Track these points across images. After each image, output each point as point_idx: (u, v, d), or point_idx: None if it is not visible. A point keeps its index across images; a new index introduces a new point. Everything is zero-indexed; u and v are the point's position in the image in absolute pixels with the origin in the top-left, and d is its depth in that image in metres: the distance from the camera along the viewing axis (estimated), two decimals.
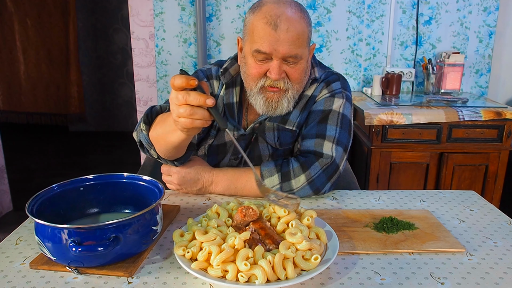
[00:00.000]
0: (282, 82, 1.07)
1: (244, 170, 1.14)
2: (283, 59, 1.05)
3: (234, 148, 1.21)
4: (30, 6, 4.51)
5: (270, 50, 1.03)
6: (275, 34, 1.01)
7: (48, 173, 3.66)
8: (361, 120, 2.22)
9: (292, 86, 1.09)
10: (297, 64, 1.07)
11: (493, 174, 2.14)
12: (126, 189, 0.98)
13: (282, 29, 1.01)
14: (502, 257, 0.84)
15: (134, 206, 0.98)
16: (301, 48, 1.05)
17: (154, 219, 0.84)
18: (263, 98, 1.10)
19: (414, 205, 1.09)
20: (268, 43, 1.02)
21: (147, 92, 2.61)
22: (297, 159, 1.11)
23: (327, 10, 2.51)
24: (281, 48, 1.02)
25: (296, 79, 1.09)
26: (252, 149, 1.20)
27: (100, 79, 4.93)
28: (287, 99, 1.10)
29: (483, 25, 2.53)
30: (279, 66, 1.05)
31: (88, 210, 0.97)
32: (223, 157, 1.23)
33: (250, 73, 1.09)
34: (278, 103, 1.10)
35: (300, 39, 1.04)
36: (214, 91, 1.22)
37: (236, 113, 1.20)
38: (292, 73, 1.07)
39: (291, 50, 1.03)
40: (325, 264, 0.75)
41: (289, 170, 1.08)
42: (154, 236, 0.84)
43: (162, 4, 2.50)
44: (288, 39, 1.02)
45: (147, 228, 0.82)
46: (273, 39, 1.02)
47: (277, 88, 1.08)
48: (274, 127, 1.17)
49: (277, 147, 1.18)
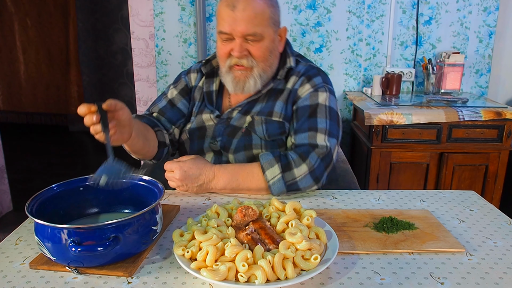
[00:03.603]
0: (245, 60, 1.15)
1: (245, 164, 1.17)
2: (244, 38, 1.12)
3: (213, 132, 1.26)
4: (30, 6, 4.51)
5: (229, 29, 1.11)
6: (233, 14, 1.10)
7: (48, 173, 3.66)
8: (361, 120, 2.22)
9: (257, 64, 1.16)
10: (258, 43, 1.14)
11: (493, 174, 2.14)
12: (126, 189, 0.98)
13: (239, 9, 1.09)
14: (502, 257, 0.84)
15: (134, 206, 0.98)
16: (260, 27, 1.12)
17: (153, 219, 0.84)
18: (231, 77, 1.18)
19: (414, 205, 1.09)
20: (227, 23, 1.11)
21: (147, 92, 2.61)
22: (294, 151, 1.15)
23: (327, 10, 2.51)
24: (238, 27, 1.10)
25: (259, 56, 1.15)
26: (246, 139, 1.23)
27: (100, 79, 4.93)
28: (253, 78, 1.17)
29: (483, 25, 2.53)
30: (240, 44, 1.13)
31: (88, 210, 0.97)
32: (203, 141, 1.27)
33: (218, 54, 1.19)
34: (245, 82, 1.18)
35: (258, 17, 1.11)
36: (191, 83, 1.33)
37: (215, 100, 1.29)
38: (254, 51, 1.14)
39: (249, 29, 1.10)
40: (325, 264, 0.75)
41: (289, 161, 1.12)
42: (154, 236, 0.84)
43: (162, 4, 2.50)
44: (245, 17, 1.09)
45: (147, 228, 0.82)
46: (231, 19, 1.10)
47: (242, 66, 1.16)
48: (262, 121, 1.22)
49: (266, 139, 1.21)
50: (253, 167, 1.14)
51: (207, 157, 1.28)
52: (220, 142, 1.24)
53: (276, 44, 1.20)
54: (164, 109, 1.32)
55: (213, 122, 1.26)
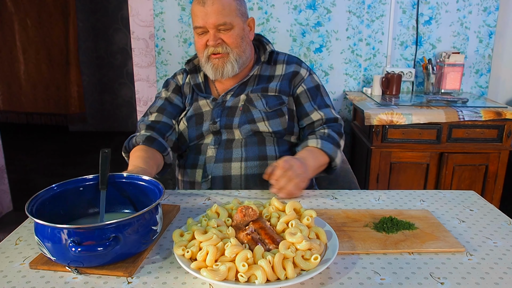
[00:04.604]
0: (220, 47, 1.28)
1: (311, 153, 1.26)
2: (216, 29, 1.26)
3: (211, 115, 1.34)
4: (30, 6, 4.51)
5: (203, 23, 1.26)
6: (204, 9, 1.25)
7: (48, 173, 3.66)
8: (361, 120, 2.22)
9: (232, 50, 1.29)
10: (229, 31, 1.28)
11: (493, 174, 2.14)
12: (126, 189, 0.98)
13: (208, 4, 1.24)
14: (502, 257, 0.84)
15: (134, 206, 0.98)
16: (229, 17, 1.26)
17: (153, 219, 0.84)
18: (210, 65, 1.31)
19: (414, 205, 1.09)
20: (200, 18, 1.26)
21: (147, 92, 2.61)
22: (328, 127, 1.34)
23: (327, 10, 2.51)
24: (210, 19, 1.25)
25: (231, 43, 1.29)
26: (247, 115, 1.32)
27: (100, 79, 4.93)
28: (230, 63, 1.30)
29: (483, 25, 2.53)
30: (214, 34, 1.27)
31: (88, 210, 0.97)
32: (201, 125, 1.35)
33: (196, 47, 1.33)
34: (223, 67, 1.30)
35: (226, 9, 1.25)
36: (180, 83, 1.45)
37: (204, 89, 1.41)
38: (226, 38, 1.28)
39: (219, 19, 1.25)
40: (325, 264, 0.75)
41: (337, 141, 1.32)
42: (154, 236, 0.84)
43: (162, 4, 2.50)
44: (214, 10, 1.24)
45: (147, 228, 0.82)
46: (203, 14, 1.25)
47: (219, 54, 1.29)
48: (259, 96, 1.34)
49: (267, 111, 1.33)
50: (315, 152, 1.26)
51: (206, 139, 1.35)
52: (219, 122, 1.32)
53: (246, 32, 1.34)
54: (163, 105, 1.39)
55: (209, 107, 1.36)
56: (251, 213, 0.86)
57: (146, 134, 1.29)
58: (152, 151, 1.26)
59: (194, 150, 1.36)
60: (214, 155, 1.31)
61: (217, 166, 1.30)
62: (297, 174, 1.10)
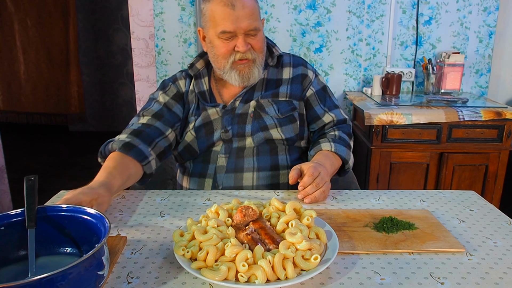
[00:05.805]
0: (249, 53, 1.22)
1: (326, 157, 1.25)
2: (246, 34, 1.20)
3: (221, 124, 1.28)
4: (30, 6, 4.51)
5: (233, 28, 1.18)
6: (235, 13, 1.17)
7: (48, 173, 3.66)
8: (361, 120, 2.22)
9: (258, 55, 1.25)
10: (257, 36, 1.22)
11: (493, 174, 2.14)
12: (65, 225, 0.80)
13: (238, 7, 1.17)
14: (502, 257, 0.84)
15: (76, 243, 0.81)
16: (257, 21, 1.21)
17: (99, 262, 0.66)
18: (236, 72, 1.24)
19: (414, 205, 1.09)
20: (230, 22, 1.17)
21: (147, 92, 2.61)
22: (338, 129, 1.36)
23: (327, 10, 2.51)
24: (242, 24, 1.18)
25: (259, 48, 1.24)
26: (259, 122, 1.28)
27: (100, 79, 4.93)
28: (257, 68, 1.25)
29: (483, 25, 2.53)
30: (245, 40, 1.20)
31: (14, 253, 0.77)
32: (212, 135, 1.28)
33: (220, 53, 1.23)
34: (250, 73, 1.25)
35: (255, 13, 1.20)
36: (182, 89, 1.35)
37: (209, 98, 1.33)
38: (255, 43, 1.23)
39: (251, 24, 1.19)
40: (325, 264, 0.75)
41: (348, 143, 1.34)
42: (100, 283, 0.68)
43: (162, 4, 2.50)
44: (246, 14, 1.18)
45: (91, 275, 0.65)
46: (234, 18, 1.17)
47: (247, 60, 1.23)
48: (270, 102, 1.30)
49: (280, 117, 1.29)
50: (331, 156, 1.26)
51: (216, 147, 1.29)
52: (231, 130, 1.27)
53: (264, 34, 1.30)
54: (160, 112, 1.29)
55: (219, 115, 1.29)
56: (251, 213, 0.86)
57: (124, 140, 1.18)
58: (126, 160, 1.15)
59: (201, 158, 1.30)
60: (225, 164, 1.26)
61: (228, 176, 1.25)
62: (324, 181, 1.10)
